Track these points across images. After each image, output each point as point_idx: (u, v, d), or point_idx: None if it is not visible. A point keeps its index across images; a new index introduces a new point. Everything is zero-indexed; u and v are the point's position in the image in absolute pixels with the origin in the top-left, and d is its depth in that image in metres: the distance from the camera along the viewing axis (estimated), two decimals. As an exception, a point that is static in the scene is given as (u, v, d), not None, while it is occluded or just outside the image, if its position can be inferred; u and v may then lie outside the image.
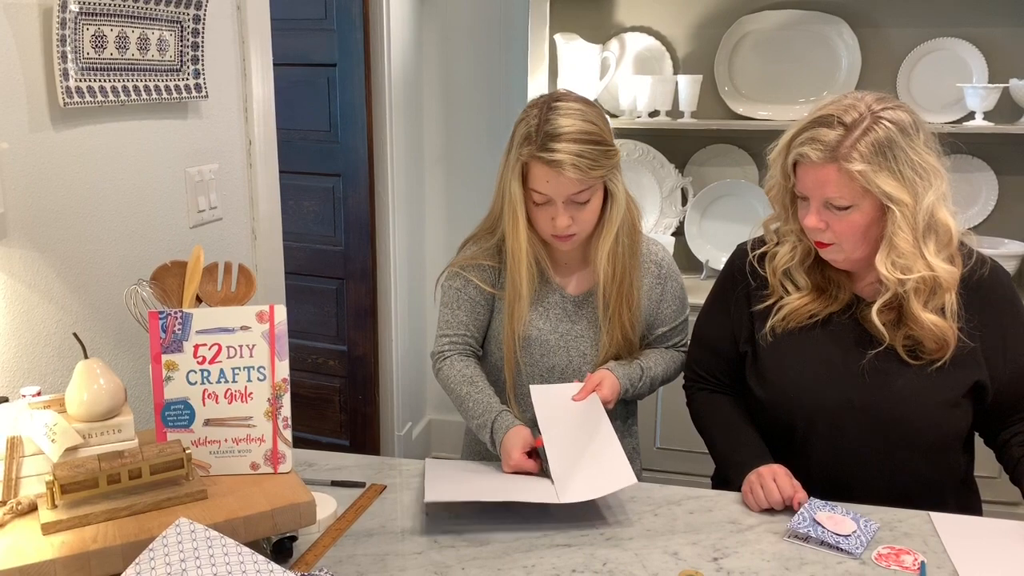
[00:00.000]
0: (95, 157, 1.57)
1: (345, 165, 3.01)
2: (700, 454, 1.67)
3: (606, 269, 1.58)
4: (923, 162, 1.35)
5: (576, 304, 1.65)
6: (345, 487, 1.48)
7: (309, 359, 3.23)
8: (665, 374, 1.70)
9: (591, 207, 1.53)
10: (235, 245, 2.03)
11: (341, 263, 3.11)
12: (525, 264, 1.56)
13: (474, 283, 1.64)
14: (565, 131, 1.46)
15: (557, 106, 1.50)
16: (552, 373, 1.65)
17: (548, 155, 1.46)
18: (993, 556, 1.27)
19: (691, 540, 1.32)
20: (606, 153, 1.50)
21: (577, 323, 1.64)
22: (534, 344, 1.63)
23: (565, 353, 1.64)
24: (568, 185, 1.48)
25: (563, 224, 1.51)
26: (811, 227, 1.41)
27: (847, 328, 1.48)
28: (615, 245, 1.57)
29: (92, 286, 1.57)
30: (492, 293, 1.64)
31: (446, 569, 1.23)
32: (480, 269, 1.64)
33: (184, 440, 1.24)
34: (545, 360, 1.64)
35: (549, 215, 1.52)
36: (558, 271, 1.66)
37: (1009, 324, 1.46)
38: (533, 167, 1.49)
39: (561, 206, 1.50)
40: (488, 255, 1.64)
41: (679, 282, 1.71)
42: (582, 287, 1.66)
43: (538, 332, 1.63)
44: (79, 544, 1.07)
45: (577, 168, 1.46)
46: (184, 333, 1.25)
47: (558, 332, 1.64)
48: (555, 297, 1.64)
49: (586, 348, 1.64)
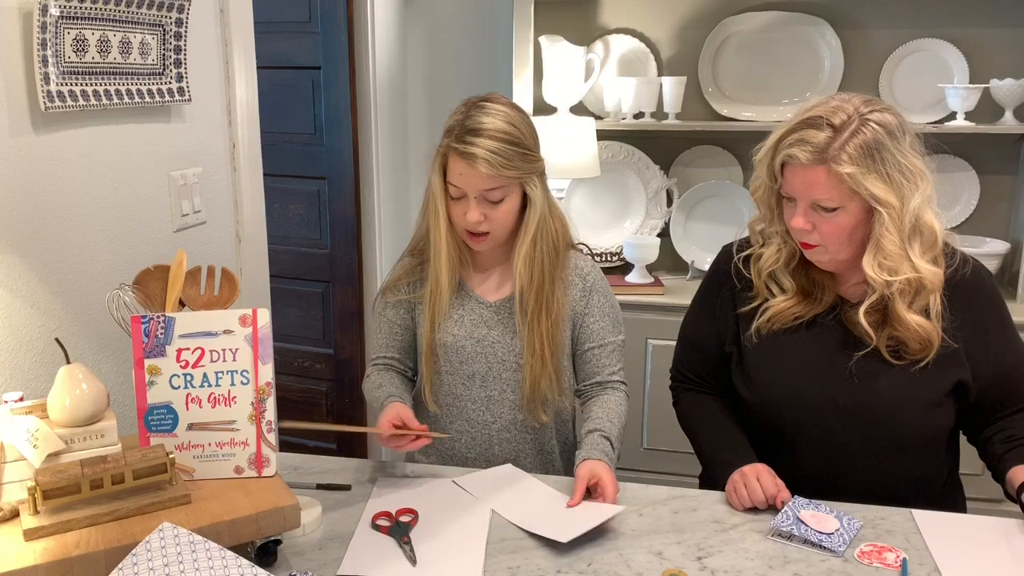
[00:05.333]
0: (77, 161, 1.56)
1: (330, 168, 3.01)
2: (686, 454, 1.68)
3: (523, 273, 1.58)
4: (909, 164, 1.36)
5: (494, 310, 1.64)
6: (331, 490, 1.47)
7: (295, 362, 3.22)
8: (622, 429, 1.60)
9: (504, 208, 1.55)
10: (219, 249, 2.03)
11: (327, 266, 3.11)
12: (445, 254, 1.58)
13: (391, 303, 1.69)
14: (484, 127, 1.50)
15: (484, 105, 1.54)
16: (473, 380, 1.64)
17: (463, 147, 1.49)
18: (974, 553, 1.28)
19: (675, 540, 1.32)
20: (523, 156, 1.53)
21: (494, 328, 1.63)
22: (451, 351, 1.63)
23: (484, 360, 1.63)
24: (480, 180, 1.50)
25: (474, 219, 1.53)
26: (797, 228, 1.42)
27: (831, 330, 1.49)
28: (532, 250, 1.57)
29: (75, 291, 1.56)
30: (411, 302, 1.67)
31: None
32: (399, 289, 1.68)
33: (167, 444, 1.24)
34: (464, 367, 1.63)
35: (463, 210, 1.54)
36: (477, 276, 1.66)
37: (991, 323, 1.47)
38: (451, 159, 1.53)
39: (473, 201, 1.53)
40: (412, 272, 1.68)
41: (609, 300, 1.67)
42: (501, 293, 1.65)
43: (453, 339, 1.62)
44: (61, 550, 1.07)
45: (489, 164, 1.49)
46: (167, 337, 1.25)
47: (474, 338, 1.62)
48: (471, 303, 1.64)
49: (504, 354, 1.62)
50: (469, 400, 1.64)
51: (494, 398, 1.64)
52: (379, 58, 2.93)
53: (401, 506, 1.41)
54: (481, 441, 1.65)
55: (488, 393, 1.64)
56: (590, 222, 3.15)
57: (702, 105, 3.04)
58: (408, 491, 1.47)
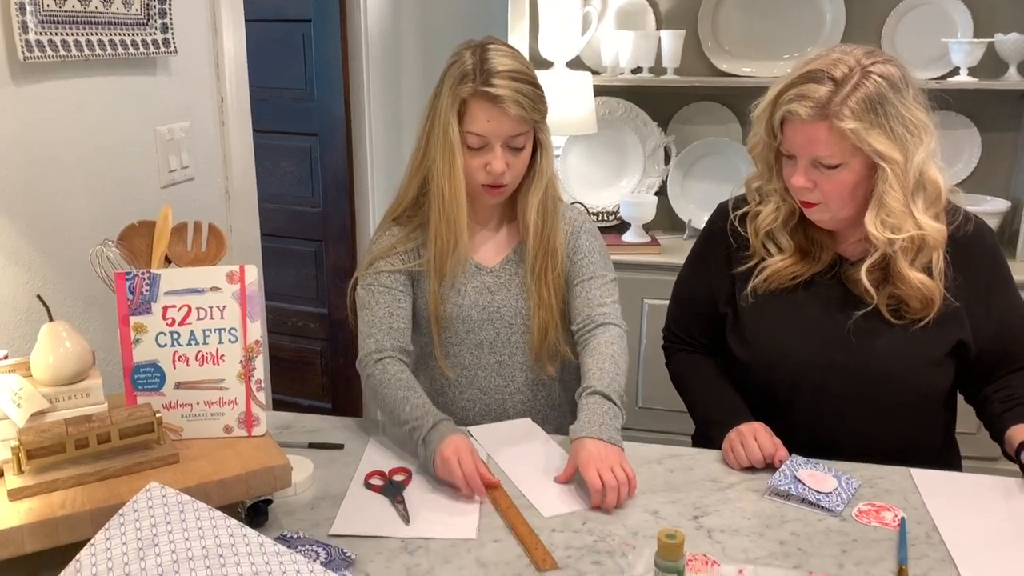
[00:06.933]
0: (59, 114, 1.52)
1: (322, 124, 2.95)
2: (680, 413, 1.66)
3: (536, 222, 1.52)
4: (913, 118, 1.32)
5: (495, 275, 1.58)
6: (323, 449, 1.46)
7: (289, 322, 3.20)
8: (625, 377, 1.48)
9: (523, 156, 1.49)
10: (209, 206, 1.99)
11: (319, 224, 3.07)
12: (464, 212, 1.49)
13: (387, 273, 1.55)
14: (505, 68, 1.43)
15: (491, 47, 1.47)
16: (482, 348, 1.59)
17: (492, 89, 1.41)
18: (972, 511, 1.27)
19: (671, 499, 1.31)
20: (541, 98, 1.48)
21: (497, 294, 1.58)
22: (456, 321, 1.57)
23: (491, 326, 1.58)
24: (508, 125, 1.44)
25: (500, 168, 1.46)
26: (798, 187, 1.39)
27: (830, 289, 1.46)
28: (544, 198, 1.53)
29: (60, 248, 1.53)
30: (410, 272, 1.56)
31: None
32: (394, 259, 1.56)
33: (155, 403, 1.22)
34: (472, 336, 1.59)
35: (483, 161, 1.46)
36: (470, 238, 1.56)
37: (993, 281, 1.45)
38: (472, 105, 1.44)
39: (499, 149, 1.46)
40: (407, 239, 1.56)
41: (598, 240, 1.62)
42: (499, 255, 1.60)
43: (458, 309, 1.57)
44: (46, 510, 1.05)
45: (519, 105, 1.42)
46: (152, 294, 1.22)
47: (479, 306, 1.57)
48: (470, 269, 1.58)
49: (511, 318, 1.58)
50: (479, 368, 1.61)
51: (504, 363, 1.61)
52: (371, 10, 2.86)
53: (395, 465, 1.39)
54: (495, 407, 1.62)
55: (498, 359, 1.60)
56: (587, 179, 3.11)
57: (701, 60, 2.98)
58: (401, 450, 1.45)
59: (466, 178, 1.48)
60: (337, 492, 1.32)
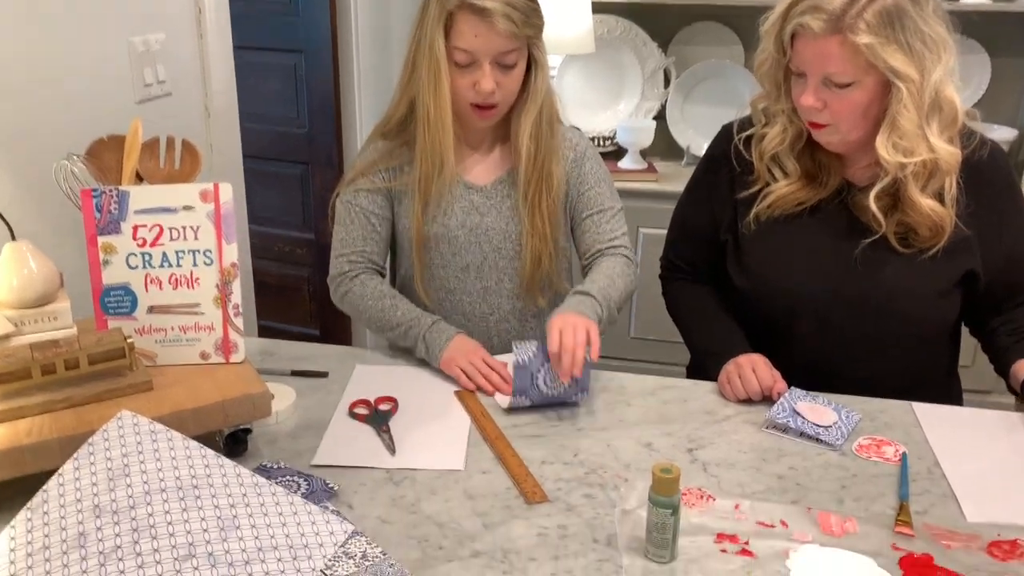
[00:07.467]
0: (22, 20, 1.42)
1: (307, 41, 2.83)
2: (675, 343, 1.62)
3: (528, 147, 1.45)
4: (932, 33, 1.25)
5: (485, 195, 1.51)
6: (306, 377, 1.41)
7: (275, 247, 3.13)
8: (620, 295, 1.47)
9: (515, 74, 1.41)
10: (187, 123, 1.90)
11: (305, 147, 2.97)
12: (449, 131, 1.42)
13: (365, 191, 1.50)
14: None
15: None
16: (468, 272, 1.53)
17: (479, 2, 1.33)
18: (974, 446, 1.24)
19: (665, 431, 1.27)
20: (536, 12, 1.40)
21: (487, 215, 1.51)
22: (442, 242, 1.51)
23: (479, 249, 1.52)
24: (497, 41, 1.36)
25: (488, 87, 1.38)
26: (807, 106, 1.31)
27: (836, 215, 1.40)
28: (538, 120, 1.45)
29: (25, 165, 1.45)
30: (391, 191, 1.50)
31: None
32: (375, 176, 1.50)
33: (126, 328, 1.16)
34: (457, 259, 1.52)
35: (472, 80, 1.39)
36: (460, 159, 1.50)
37: (1006, 209, 1.39)
38: (459, 19, 1.36)
39: (487, 66, 1.38)
40: (390, 155, 1.51)
41: (603, 167, 1.57)
42: (490, 176, 1.53)
43: (445, 230, 1.50)
44: (12, 438, 1.00)
45: (509, 19, 1.34)
46: (121, 213, 1.15)
47: (466, 227, 1.50)
48: (459, 189, 1.50)
49: (500, 242, 1.52)
50: (464, 293, 1.55)
51: (491, 289, 1.55)
52: (358, -82, 2.71)
53: (380, 394, 1.34)
54: (479, 335, 1.56)
55: (484, 284, 1.55)
56: (583, 101, 3.01)
57: (705, -24, 2.86)
58: (388, 379, 1.41)
59: (454, 98, 1.41)
60: (320, 421, 1.28)
